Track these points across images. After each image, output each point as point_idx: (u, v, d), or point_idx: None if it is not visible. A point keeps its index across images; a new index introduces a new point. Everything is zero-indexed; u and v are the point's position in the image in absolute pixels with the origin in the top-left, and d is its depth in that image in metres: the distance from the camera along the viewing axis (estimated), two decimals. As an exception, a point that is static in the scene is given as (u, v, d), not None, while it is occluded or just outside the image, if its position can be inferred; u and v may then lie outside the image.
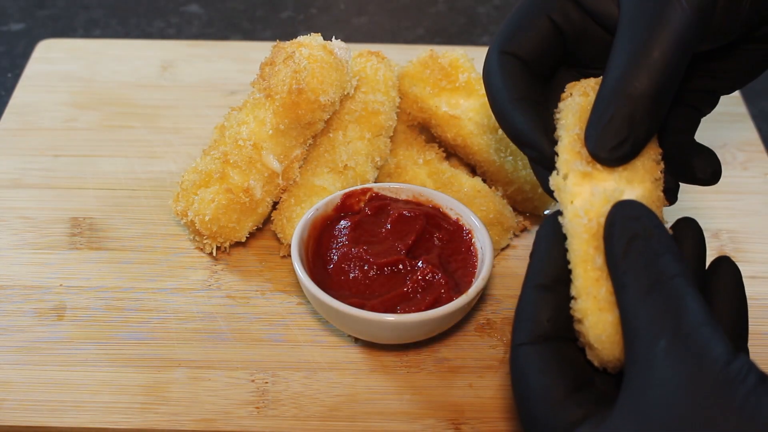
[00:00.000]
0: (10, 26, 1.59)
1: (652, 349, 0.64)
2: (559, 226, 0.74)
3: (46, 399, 0.93)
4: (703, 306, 0.65)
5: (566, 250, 0.74)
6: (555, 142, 0.79)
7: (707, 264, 0.78)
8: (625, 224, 0.71)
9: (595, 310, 0.71)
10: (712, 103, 0.91)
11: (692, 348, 0.63)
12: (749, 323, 1.03)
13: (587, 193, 0.74)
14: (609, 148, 0.74)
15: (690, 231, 0.77)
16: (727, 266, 0.76)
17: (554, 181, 0.76)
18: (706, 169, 0.88)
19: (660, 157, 0.79)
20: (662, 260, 0.68)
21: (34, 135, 1.25)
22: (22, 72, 1.36)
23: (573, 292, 0.73)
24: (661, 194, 0.77)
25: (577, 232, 0.73)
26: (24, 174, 1.19)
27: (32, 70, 1.36)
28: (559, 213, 0.75)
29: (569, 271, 0.73)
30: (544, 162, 0.80)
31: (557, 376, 0.70)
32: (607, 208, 0.72)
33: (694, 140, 0.89)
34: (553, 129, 0.80)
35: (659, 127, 0.76)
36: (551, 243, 0.75)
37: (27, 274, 1.06)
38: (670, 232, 0.77)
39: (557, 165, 0.78)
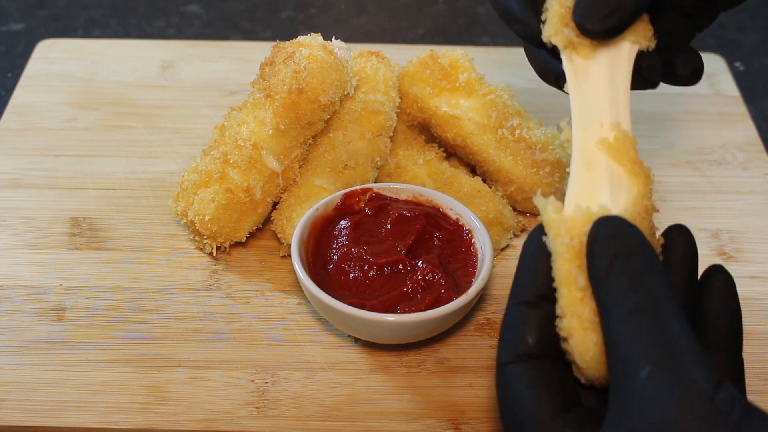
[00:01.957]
0: (10, 26, 1.59)
1: (636, 375, 0.63)
2: (543, 243, 0.74)
3: (46, 399, 0.93)
4: (688, 330, 0.64)
5: (551, 267, 0.73)
6: (542, 18, 0.80)
7: (702, 270, 0.77)
8: (606, 242, 0.69)
9: (580, 330, 0.71)
10: (710, 17, 0.88)
11: (677, 377, 0.62)
12: (749, 323, 1.03)
13: (570, 211, 0.74)
14: (596, 19, 0.74)
15: (680, 239, 0.76)
16: (720, 276, 0.75)
17: (537, 201, 0.76)
18: (687, 66, 0.87)
19: (651, 34, 0.79)
20: (646, 280, 0.66)
21: (34, 135, 1.25)
22: (22, 72, 1.36)
23: (558, 311, 0.72)
24: (650, 203, 0.76)
25: (559, 251, 0.72)
26: (24, 174, 1.19)
27: (32, 70, 1.36)
28: (544, 232, 0.74)
29: (554, 288, 0.73)
30: (530, 37, 0.81)
31: (543, 396, 0.69)
32: (589, 226, 0.72)
33: (684, 44, 0.88)
34: (542, 3, 0.81)
35: (647, 5, 0.77)
36: (535, 260, 0.74)
37: (27, 274, 1.06)
38: (661, 240, 0.76)
39: (543, 35, 0.79)
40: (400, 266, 0.98)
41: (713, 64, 1.40)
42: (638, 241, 0.69)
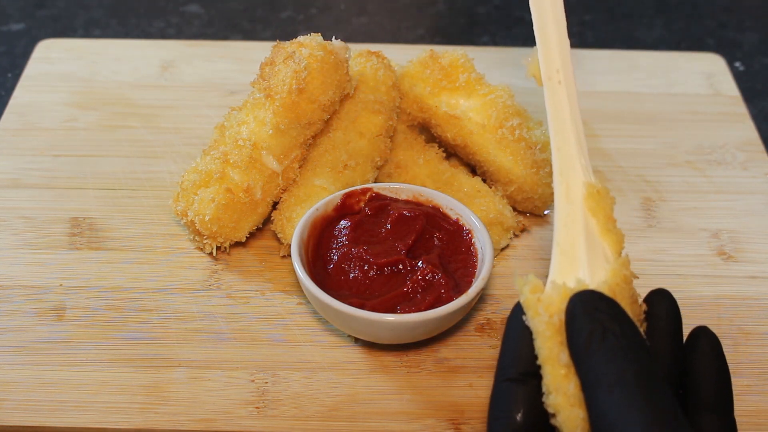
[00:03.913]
0: (10, 26, 1.59)
1: None
2: (524, 321, 0.75)
3: (46, 399, 0.93)
4: (671, 400, 0.66)
5: (533, 344, 0.74)
6: None
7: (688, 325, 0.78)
8: (583, 319, 0.71)
9: (567, 406, 0.71)
10: None
11: None
12: (749, 323, 1.03)
13: (547, 289, 0.75)
14: None
15: (662, 305, 0.77)
16: (705, 339, 0.76)
17: (515, 281, 0.77)
18: None
19: None
20: (624, 354, 0.68)
21: (34, 135, 1.25)
22: (22, 72, 1.36)
23: (544, 388, 0.73)
24: (629, 272, 0.77)
25: (540, 330, 0.73)
26: (24, 174, 1.19)
27: (32, 70, 1.36)
28: (522, 312, 0.76)
29: (538, 366, 0.74)
30: None
31: None
32: (566, 303, 0.73)
33: None
34: None
35: None
36: (518, 338, 0.75)
37: (27, 274, 1.05)
38: (644, 307, 0.77)
39: None
40: (400, 266, 0.98)
41: (713, 64, 1.40)
42: (615, 315, 0.71)
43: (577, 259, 0.78)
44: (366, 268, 0.98)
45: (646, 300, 0.78)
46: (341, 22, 1.64)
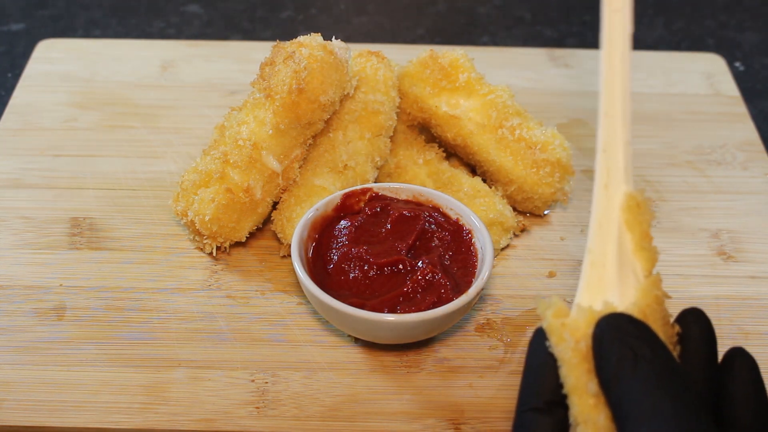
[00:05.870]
0: (10, 26, 1.59)
1: None
2: (547, 347, 0.72)
3: (46, 399, 0.93)
4: (709, 428, 0.62)
5: (557, 371, 0.70)
6: None
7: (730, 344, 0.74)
8: (612, 344, 0.67)
9: None
10: None
11: None
12: (749, 323, 1.03)
13: (572, 312, 0.72)
14: None
15: (695, 326, 0.73)
16: (741, 360, 0.71)
17: (537, 304, 0.73)
18: None
19: None
20: (659, 381, 0.64)
21: (34, 135, 1.25)
22: (22, 72, 1.36)
23: (571, 419, 0.69)
24: (660, 292, 0.73)
25: (565, 357, 0.70)
26: (24, 174, 1.19)
27: (32, 70, 1.36)
28: (545, 337, 0.72)
29: (563, 394, 0.70)
30: None
31: None
32: (592, 328, 0.69)
33: None
34: None
35: None
36: (541, 365, 0.71)
37: (27, 274, 1.05)
38: (676, 328, 0.73)
39: None
40: (400, 266, 0.98)
41: (713, 64, 1.40)
42: (646, 339, 0.67)
43: (606, 274, 0.74)
44: (366, 268, 0.98)
45: (678, 321, 0.74)
46: (341, 22, 1.64)
